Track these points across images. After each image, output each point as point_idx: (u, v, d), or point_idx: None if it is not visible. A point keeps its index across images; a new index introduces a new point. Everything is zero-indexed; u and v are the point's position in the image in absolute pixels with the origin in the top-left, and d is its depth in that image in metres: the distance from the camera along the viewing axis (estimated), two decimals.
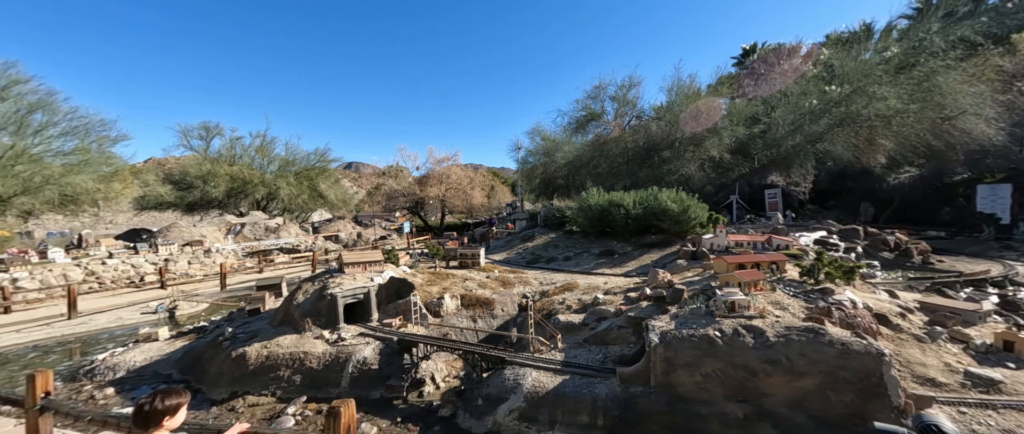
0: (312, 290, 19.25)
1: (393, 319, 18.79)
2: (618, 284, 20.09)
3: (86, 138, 46.89)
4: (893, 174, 53.20)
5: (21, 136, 41.20)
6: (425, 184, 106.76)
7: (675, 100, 45.77)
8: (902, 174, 53.38)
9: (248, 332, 18.53)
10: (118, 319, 30.41)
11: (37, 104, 43.13)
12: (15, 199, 40.65)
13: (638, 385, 11.08)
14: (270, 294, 24.93)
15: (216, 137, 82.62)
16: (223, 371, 16.41)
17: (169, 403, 3.45)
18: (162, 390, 3.52)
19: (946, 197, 50.74)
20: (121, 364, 18.97)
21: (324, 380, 15.67)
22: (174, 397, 3.52)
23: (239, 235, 67.36)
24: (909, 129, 34.01)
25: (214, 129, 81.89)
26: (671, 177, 41.30)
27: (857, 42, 57.86)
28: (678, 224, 26.53)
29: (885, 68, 35.31)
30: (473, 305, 20.47)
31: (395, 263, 22.67)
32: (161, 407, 3.38)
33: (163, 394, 3.45)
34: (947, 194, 49.99)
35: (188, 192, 74.50)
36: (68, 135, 45.45)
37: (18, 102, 40.96)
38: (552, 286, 22.77)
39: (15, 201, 40.86)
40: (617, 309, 14.73)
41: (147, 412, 3.34)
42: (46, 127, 43.85)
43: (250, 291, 43.08)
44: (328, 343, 16.92)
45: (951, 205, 49.87)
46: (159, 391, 3.49)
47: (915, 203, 47.81)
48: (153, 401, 3.38)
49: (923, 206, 47.48)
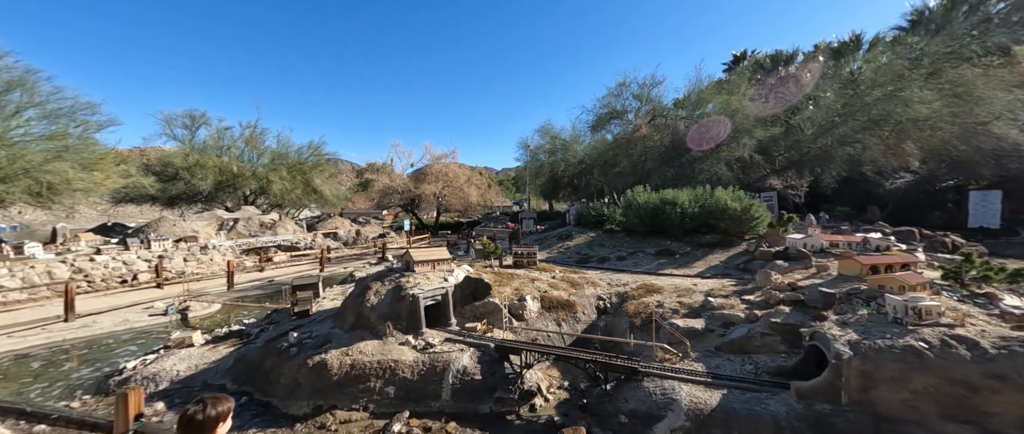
0: (384, 290, 17.42)
1: (476, 323, 17.21)
2: (708, 286, 19.10)
3: (70, 122, 42.57)
4: (890, 179, 54.99)
5: None
6: (422, 181, 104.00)
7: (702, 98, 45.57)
8: (898, 179, 55.21)
9: (314, 337, 16.54)
10: (124, 321, 27.40)
11: (14, 83, 38.78)
12: None
13: (824, 403, 10.02)
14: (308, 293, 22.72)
15: (202, 126, 77.55)
16: (300, 382, 14.45)
17: (221, 409, 3.23)
18: (209, 396, 3.29)
19: (937, 202, 52.97)
20: (162, 374, 16.65)
21: (421, 392, 13.98)
22: (223, 403, 3.30)
23: (232, 231, 63.42)
24: (942, 133, 34.68)
25: (200, 118, 76.84)
26: (701, 176, 40.93)
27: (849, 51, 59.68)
28: (739, 224, 25.94)
29: (921, 72, 35.94)
30: (555, 308, 19.08)
31: None
32: (214, 413, 3.15)
33: (212, 400, 3.23)
34: (938, 199, 52.19)
35: (171, 184, 69.42)
36: (49, 118, 41.12)
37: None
38: (624, 287, 21.61)
39: None
40: (749, 314, 13.69)
41: (201, 421, 3.09)
42: (24, 108, 39.53)
43: (262, 290, 40.20)
44: (416, 350, 15.21)
45: (942, 210, 52.08)
46: (206, 398, 3.27)
47: (908, 207, 49.56)
48: (205, 408, 3.13)
49: (916, 210, 49.27)
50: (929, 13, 55.83)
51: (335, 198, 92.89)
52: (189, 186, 70.42)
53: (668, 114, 47.75)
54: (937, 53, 36.79)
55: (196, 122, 77.50)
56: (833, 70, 51.80)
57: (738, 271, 22.12)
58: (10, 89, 38.45)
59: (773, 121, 46.62)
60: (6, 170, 36.35)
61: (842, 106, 40.39)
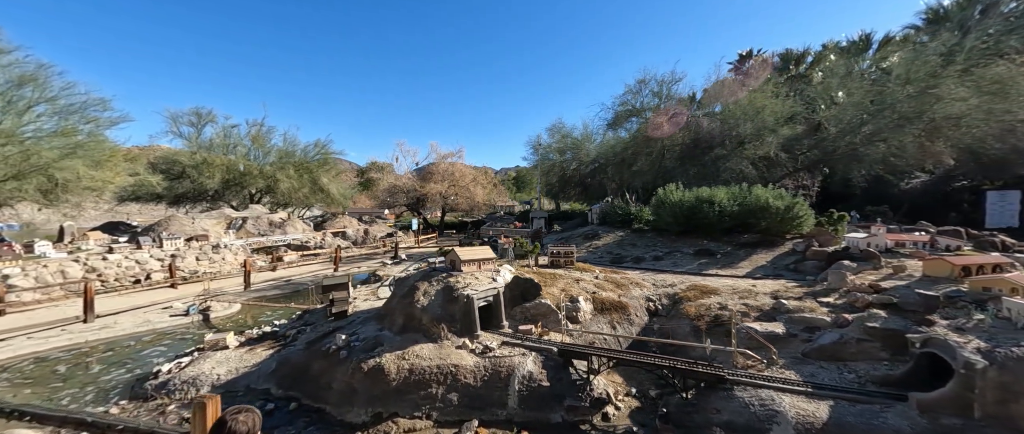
0: (433, 291, 16.55)
1: (529, 325, 16.36)
2: (770, 287, 18.24)
3: (82, 119, 41.56)
4: (904, 179, 54.41)
5: (9, 113, 35.89)
6: (428, 180, 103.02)
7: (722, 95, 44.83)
8: (913, 179, 54.64)
9: (363, 340, 15.67)
10: (145, 322, 26.46)
11: (26, 78, 37.78)
12: (2, 185, 35.38)
13: (952, 416, 9.20)
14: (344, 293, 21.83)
15: (208, 124, 76.46)
16: (355, 388, 13.58)
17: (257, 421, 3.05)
18: (244, 408, 3.10)
19: (953, 202, 52.48)
20: (201, 378, 15.76)
21: (486, 399, 13.12)
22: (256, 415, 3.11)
23: (241, 230, 62.48)
24: (978, 131, 33.97)
25: (206, 115, 75.63)
26: (726, 175, 40.16)
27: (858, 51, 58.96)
28: (781, 223, 25.17)
29: (956, 68, 35.20)
30: (607, 309, 18.24)
31: None
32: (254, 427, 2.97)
33: (248, 412, 3.03)
34: (953, 199, 51.71)
35: (177, 183, 68.35)
36: (60, 114, 40.12)
37: (7, 73, 35.68)
38: (672, 288, 20.79)
39: (3, 188, 35.57)
40: (838, 318, 12.87)
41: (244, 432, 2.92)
42: (36, 104, 38.54)
43: (280, 290, 39.22)
44: (475, 354, 14.35)
45: (957, 210, 51.59)
46: (242, 408, 3.09)
47: (924, 208, 49.02)
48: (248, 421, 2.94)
49: (931, 210, 48.75)
50: (943, 11, 55.21)
51: (342, 197, 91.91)
52: (196, 185, 69.44)
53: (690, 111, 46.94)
54: (974, 49, 36.04)
55: (202, 120, 76.31)
56: (857, 68, 51.09)
57: (790, 272, 21.32)
58: (22, 84, 37.47)
59: (793, 119, 45.89)
60: (19, 166, 35.36)
61: (871, 103, 39.62)
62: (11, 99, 37.14)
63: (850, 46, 64.24)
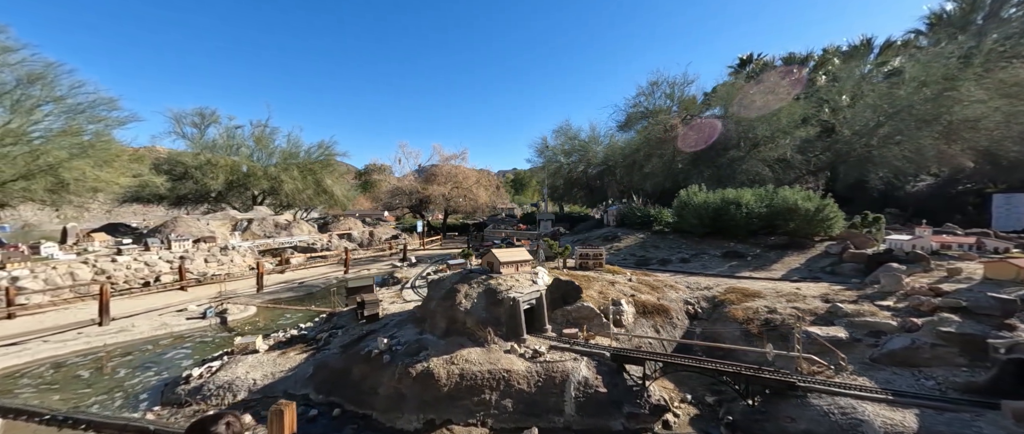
0: (475, 293, 16.07)
1: (573, 329, 15.91)
2: (816, 290, 17.80)
3: (90, 117, 40.83)
4: (911, 182, 54.55)
5: (17, 113, 35.14)
6: (431, 181, 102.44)
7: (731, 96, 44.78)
8: (919, 182, 54.79)
9: (405, 343, 15.14)
10: (162, 325, 25.80)
11: (35, 76, 37.03)
12: (11, 185, 34.58)
13: None
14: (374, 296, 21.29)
15: (212, 125, 75.54)
16: (403, 394, 13.06)
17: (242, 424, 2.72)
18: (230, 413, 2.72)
19: (958, 205, 52.71)
20: (237, 383, 15.18)
21: (542, 405, 12.64)
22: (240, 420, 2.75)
23: (247, 232, 61.69)
24: (998, 133, 33.93)
25: (210, 116, 74.66)
26: (742, 176, 39.97)
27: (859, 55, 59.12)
28: (810, 224, 24.89)
29: (973, 71, 35.22)
30: (649, 312, 17.83)
31: None
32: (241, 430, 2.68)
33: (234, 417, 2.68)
34: (958, 202, 51.94)
35: (180, 183, 67.31)
36: (69, 113, 39.36)
37: (17, 70, 34.94)
38: (708, 291, 20.41)
39: (12, 188, 34.77)
40: (905, 323, 12.50)
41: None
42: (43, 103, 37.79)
43: (293, 292, 38.50)
44: (525, 359, 13.87)
45: (962, 212, 51.79)
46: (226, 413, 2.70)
47: (929, 210, 49.14)
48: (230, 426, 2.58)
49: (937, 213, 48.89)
50: (947, 17, 55.51)
51: (345, 199, 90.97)
52: (199, 186, 68.36)
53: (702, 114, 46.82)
54: (991, 51, 36.09)
55: (206, 120, 75.28)
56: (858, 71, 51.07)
57: (827, 274, 20.99)
58: (31, 83, 36.70)
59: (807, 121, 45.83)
60: (30, 166, 34.59)
61: (886, 105, 39.56)
62: (19, 98, 36.42)
63: (852, 50, 64.56)
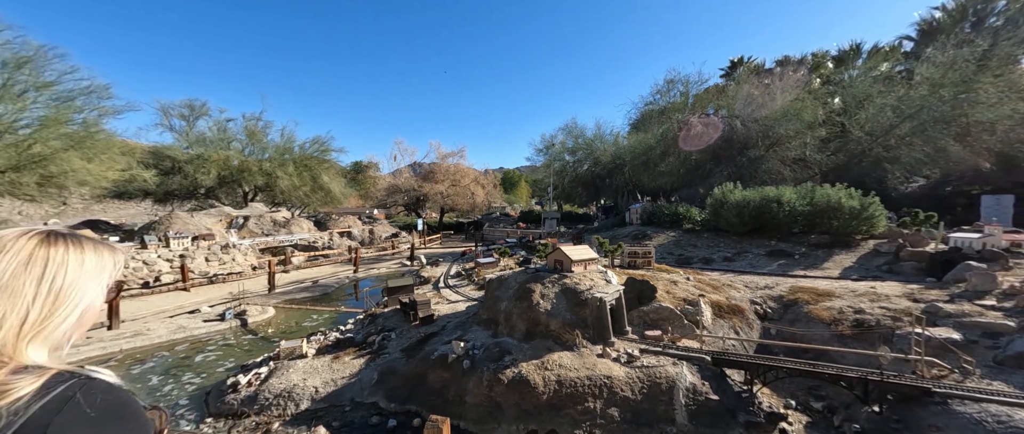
0: (552, 294, 15.04)
1: (656, 331, 15.06)
2: (891, 289, 17.28)
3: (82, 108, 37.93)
4: (905, 184, 56.00)
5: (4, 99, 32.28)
6: (428, 179, 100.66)
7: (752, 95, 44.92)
8: (912, 184, 56.31)
9: (483, 348, 14.00)
10: (179, 329, 23.90)
11: (23, 60, 34.09)
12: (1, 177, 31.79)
13: None
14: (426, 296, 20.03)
15: (202, 117, 71.62)
16: (497, 402, 11.94)
17: None
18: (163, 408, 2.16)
19: (948, 206, 54.46)
20: (296, 391, 13.78)
21: (651, 414, 11.71)
22: None
23: (243, 229, 59.02)
24: (1013, 134, 34.67)
25: (200, 108, 70.64)
26: (764, 175, 39.99)
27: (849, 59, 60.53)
28: (854, 222, 24.77)
29: (989, 74, 35.95)
30: (726, 313, 17.13)
31: None
32: None
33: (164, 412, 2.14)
34: (948, 203, 53.68)
35: (169, 178, 63.46)
36: (60, 100, 36.44)
37: (2, 53, 32.09)
38: (768, 291, 19.87)
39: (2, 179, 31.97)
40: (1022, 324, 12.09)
41: None
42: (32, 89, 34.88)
43: (308, 292, 36.55)
44: (620, 363, 12.94)
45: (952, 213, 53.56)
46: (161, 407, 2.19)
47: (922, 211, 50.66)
48: None
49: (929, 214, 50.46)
50: (937, 24, 57.21)
51: (343, 196, 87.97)
52: (190, 181, 64.50)
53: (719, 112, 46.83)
54: (1007, 54, 36.95)
55: (195, 112, 71.18)
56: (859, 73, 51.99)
57: (886, 273, 20.73)
58: (19, 66, 33.77)
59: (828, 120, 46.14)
60: (20, 156, 31.83)
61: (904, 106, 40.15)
62: (5, 82, 33.50)
63: (842, 55, 66.10)
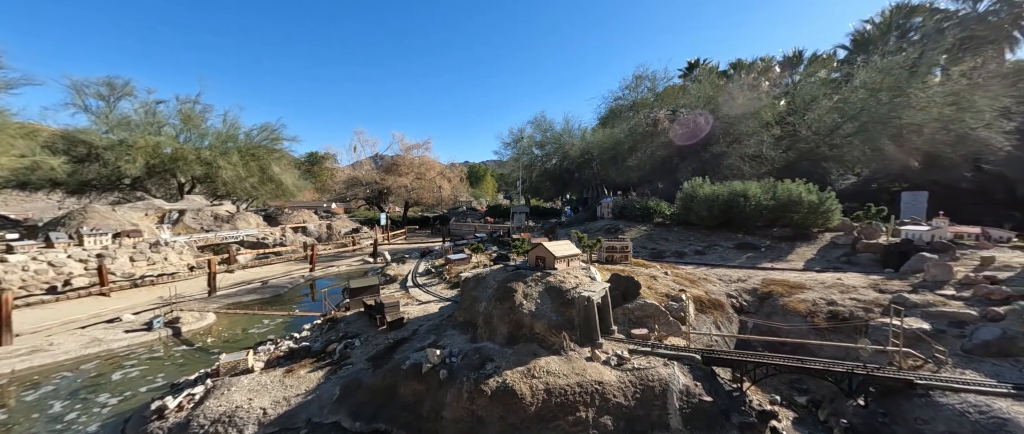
0: (535, 293, 13.93)
1: (642, 329, 14.41)
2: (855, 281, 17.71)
3: None
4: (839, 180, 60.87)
5: None
6: (392, 172, 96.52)
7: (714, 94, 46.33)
8: (846, 180, 61.32)
9: (461, 354, 12.65)
10: (94, 341, 20.51)
11: None
12: None
13: None
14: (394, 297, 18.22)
15: (125, 98, 63.10)
16: (479, 416, 10.68)
17: None
18: None
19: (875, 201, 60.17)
20: (239, 414, 11.75)
21: (646, 420, 10.96)
22: None
23: (178, 224, 53.25)
24: (940, 137, 37.90)
25: (122, 87, 61.99)
26: (726, 171, 41.31)
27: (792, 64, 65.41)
28: (814, 216, 25.80)
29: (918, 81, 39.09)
30: (707, 308, 16.87)
31: None
32: None
33: None
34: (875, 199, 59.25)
35: (84, 166, 54.98)
36: None
37: None
38: (742, 284, 20.02)
39: None
40: (986, 312, 12.53)
41: None
42: None
43: (258, 295, 33.09)
44: (610, 366, 12.10)
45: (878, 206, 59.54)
46: None
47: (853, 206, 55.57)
48: None
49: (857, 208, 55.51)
50: (867, 34, 62.69)
51: (296, 188, 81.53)
52: (111, 170, 56.25)
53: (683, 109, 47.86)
54: (933, 62, 40.36)
55: (116, 92, 62.43)
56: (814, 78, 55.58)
57: (845, 264, 21.60)
58: None
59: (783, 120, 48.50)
60: None
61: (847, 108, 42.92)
62: None
63: (786, 60, 71.01)
